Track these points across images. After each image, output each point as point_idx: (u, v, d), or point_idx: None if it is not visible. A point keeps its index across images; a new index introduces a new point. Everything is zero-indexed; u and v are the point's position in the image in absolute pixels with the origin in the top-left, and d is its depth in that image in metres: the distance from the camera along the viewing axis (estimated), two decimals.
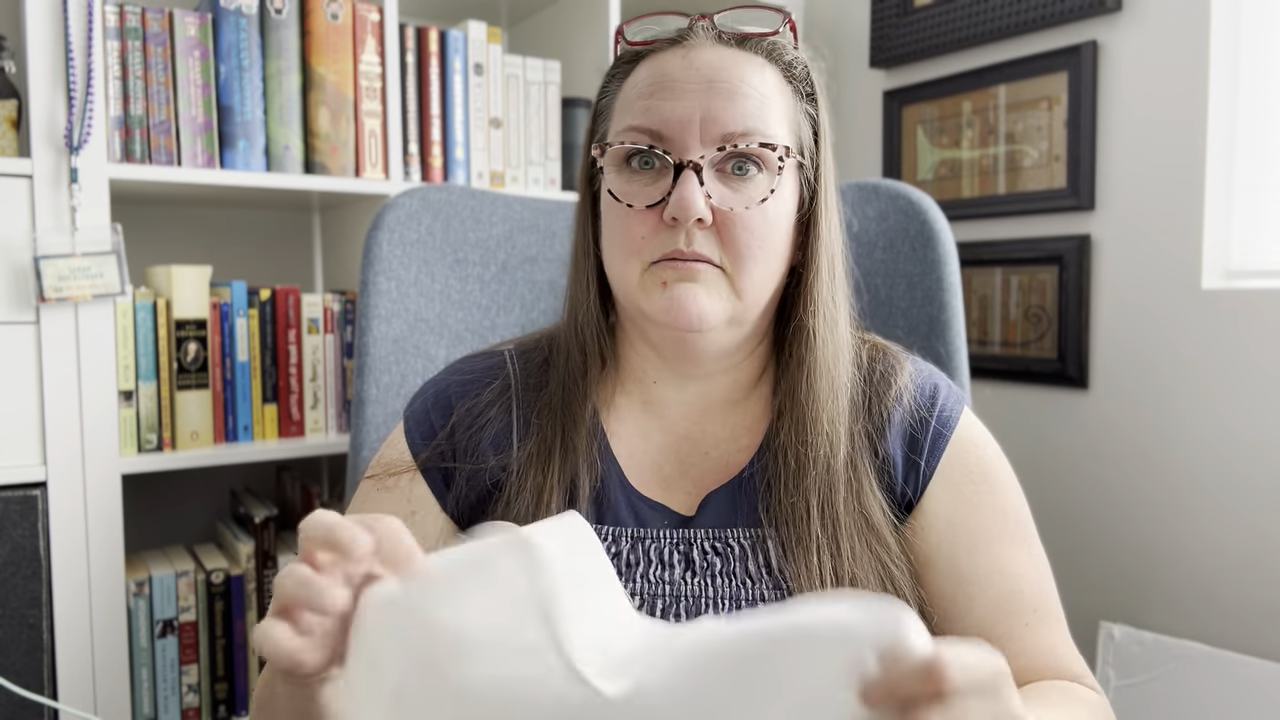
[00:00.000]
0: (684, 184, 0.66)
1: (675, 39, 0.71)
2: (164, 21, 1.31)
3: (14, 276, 1.20)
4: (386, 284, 1.07)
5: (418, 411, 0.80)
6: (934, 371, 0.80)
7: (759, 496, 0.71)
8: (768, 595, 0.67)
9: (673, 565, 0.69)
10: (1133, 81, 1.42)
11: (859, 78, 1.84)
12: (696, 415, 0.76)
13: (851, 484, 0.71)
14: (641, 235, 0.69)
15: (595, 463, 0.73)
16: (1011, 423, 1.59)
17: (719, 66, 0.69)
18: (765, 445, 0.73)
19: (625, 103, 0.72)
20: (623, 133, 0.70)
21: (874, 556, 0.69)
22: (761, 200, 0.68)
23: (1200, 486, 1.35)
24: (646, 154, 0.69)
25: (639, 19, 0.74)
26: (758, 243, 0.69)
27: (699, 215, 0.66)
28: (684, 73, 0.69)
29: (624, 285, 0.72)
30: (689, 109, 0.68)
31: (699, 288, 0.68)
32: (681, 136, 0.68)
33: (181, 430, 1.36)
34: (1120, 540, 1.45)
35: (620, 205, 0.70)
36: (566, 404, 0.75)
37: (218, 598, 1.41)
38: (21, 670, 1.22)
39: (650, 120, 0.68)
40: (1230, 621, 1.32)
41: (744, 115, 0.68)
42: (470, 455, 0.75)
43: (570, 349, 0.77)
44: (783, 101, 0.71)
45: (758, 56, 0.71)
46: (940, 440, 0.74)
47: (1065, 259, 1.49)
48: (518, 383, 0.78)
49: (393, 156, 1.47)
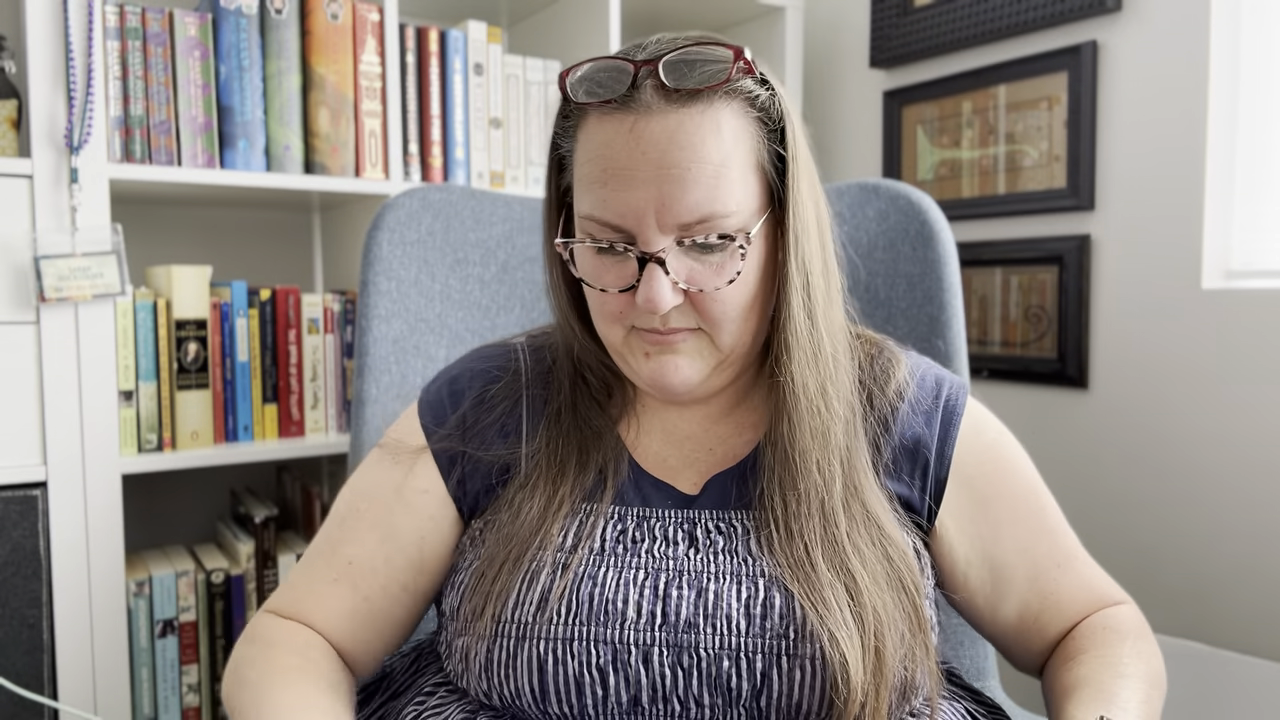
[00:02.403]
0: (649, 280, 0.66)
1: (620, 101, 0.66)
2: (164, 21, 1.31)
3: (14, 276, 1.20)
4: (386, 284, 1.07)
5: (432, 395, 0.81)
6: (932, 364, 0.82)
7: (758, 485, 0.72)
8: (768, 571, 0.68)
9: (677, 542, 0.71)
10: (1133, 81, 1.42)
11: (859, 78, 1.84)
12: (699, 420, 0.78)
13: (850, 477, 0.72)
14: (618, 311, 0.70)
15: (622, 465, 0.75)
16: (1011, 423, 1.59)
17: (666, 146, 0.64)
18: (766, 436, 0.74)
19: (581, 178, 0.69)
20: (584, 220, 0.69)
21: (878, 548, 0.70)
22: (729, 281, 0.68)
23: (1200, 486, 1.35)
24: (609, 249, 0.68)
25: (580, 66, 0.69)
26: (733, 308, 0.69)
27: (669, 306, 0.67)
28: (631, 157, 0.65)
29: (609, 342, 0.74)
30: (642, 200, 0.65)
31: (681, 359, 0.70)
32: (640, 229, 0.66)
33: (181, 430, 1.36)
34: (1120, 540, 1.45)
35: (594, 289, 0.71)
36: (586, 421, 0.77)
37: (218, 598, 1.41)
38: (21, 670, 1.22)
39: (607, 214, 0.67)
40: (1230, 621, 1.32)
41: (698, 203, 0.65)
42: (479, 443, 0.77)
43: (584, 375, 0.79)
44: (741, 153, 0.67)
45: (712, 105, 0.65)
46: (949, 434, 0.76)
47: (1065, 259, 1.49)
48: (528, 377, 0.80)
49: (393, 156, 1.47)
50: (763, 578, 0.68)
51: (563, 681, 0.65)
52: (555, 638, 0.66)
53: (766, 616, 0.66)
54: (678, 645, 0.65)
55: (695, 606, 0.66)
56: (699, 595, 0.67)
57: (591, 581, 0.68)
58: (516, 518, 0.72)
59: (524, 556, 0.69)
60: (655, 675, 0.65)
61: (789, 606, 0.66)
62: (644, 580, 0.68)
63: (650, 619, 0.66)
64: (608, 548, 0.70)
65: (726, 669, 0.65)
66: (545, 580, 0.68)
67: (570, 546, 0.70)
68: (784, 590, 0.67)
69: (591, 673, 0.65)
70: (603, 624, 0.66)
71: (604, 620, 0.66)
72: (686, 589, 0.67)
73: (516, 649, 0.66)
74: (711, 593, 0.67)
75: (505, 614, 0.67)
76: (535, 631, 0.66)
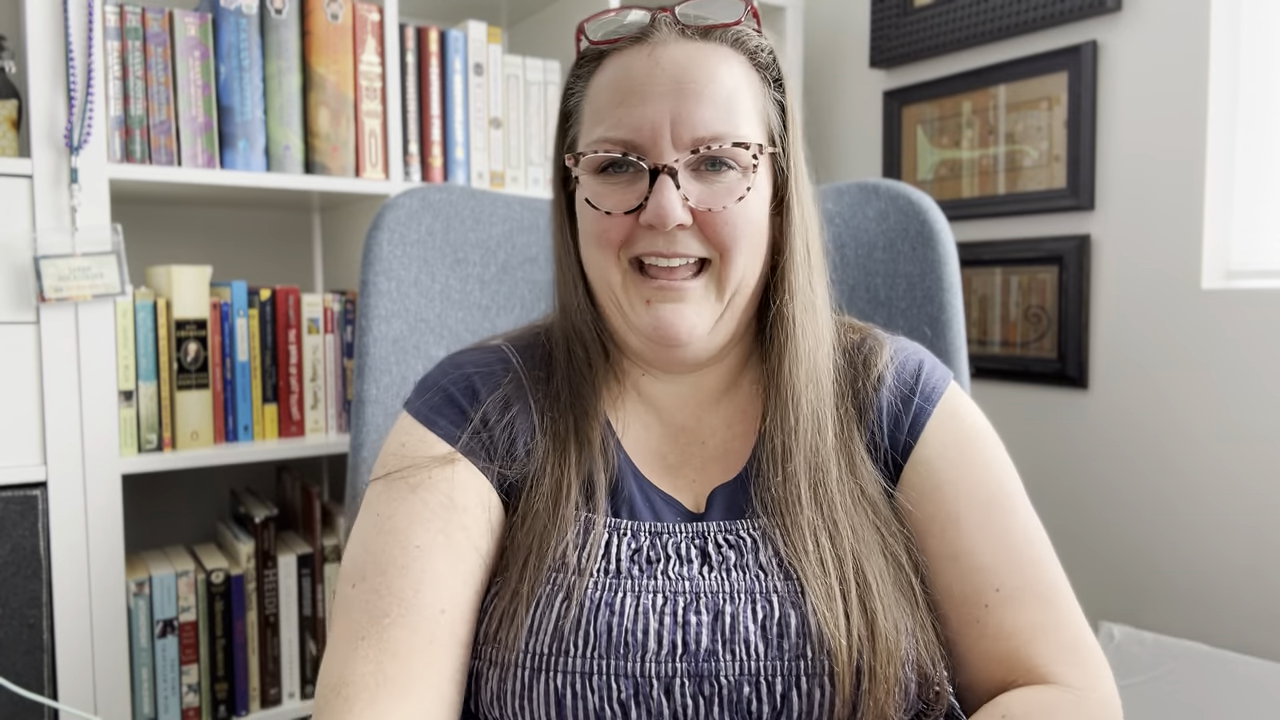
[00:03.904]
0: (660, 190, 0.67)
1: (638, 36, 0.70)
2: (164, 21, 1.31)
3: (14, 276, 1.20)
4: (386, 284, 1.07)
5: (434, 402, 0.75)
6: (918, 349, 0.80)
7: (756, 487, 0.72)
8: (780, 587, 0.66)
9: (690, 560, 0.69)
10: (1133, 81, 1.42)
11: (859, 78, 1.84)
12: (690, 406, 0.77)
13: (842, 461, 0.72)
14: (620, 238, 0.69)
15: (610, 454, 0.74)
16: (1011, 423, 1.59)
17: (685, 65, 0.68)
18: (760, 435, 0.74)
19: (594, 109, 0.71)
20: (595, 143, 0.70)
21: (875, 530, 0.69)
22: (739, 199, 0.69)
23: (1200, 486, 1.35)
24: (621, 161, 0.69)
25: (600, 15, 0.72)
26: (740, 234, 0.69)
27: (678, 221, 0.67)
28: (650, 75, 0.68)
29: (605, 289, 0.72)
30: (658, 113, 0.67)
31: (685, 306, 0.69)
32: (654, 142, 0.68)
33: (181, 430, 1.36)
34: (1120, 540, 1.45)
35: (598, 212, 0.70)
36: (576, 398, 0.75)
37: (218, 598, 1.41)
38: (21, 670, 1.22)
39: (621, 130, 0.68)
40: (1230, 621, 1.32)
41: (714, 117, 0.68)
42: (504, 449, 0.73)
43: (571, 345, 0.77)
44: (750, 92, 0.71)
45: (723, 47, 0.70)
46: (921, 417, 0.74)
47: (1065, 259, 1.49)
48: (526, 376, 0.78)
49: (393, 156, 1.47)
50: (775, 594, 0.66)
51: (582, 715, 0.63)
52: (574, 670, 0.63)
53: (784, 636, 0.64)
54: (698, 675, 0.64)
55: (714, 631, 0.65)
56: (716, 618, 0.65)
57: (609, 610, 0.65)
58: (527, 518, 0.70)
59: (538, 572, 0.67)
60: (677, 706, 0.63)
61: (804, 624, 0.64)
62: (662, 605, 0.66)
63: (671, 649, 0.64)
64: (624, 569, 0.68)
65: (747, 694, 0.63)
66: (560, 606, 0.65)
67: (583, 566, 0.67)
68: (797, 606, 0.65)
69: (613, 706, 0.63)
70: (623, 657, 0.64)
71: (624, 653, 0.64)
72: (705, 613, 0.66)
73: (532, 680, 0.64)
74: (729, 615, 0.65)
75: (519, 642, 0.64)
76: (552, 664, 0.64)
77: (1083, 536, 1.50)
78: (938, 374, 0.77)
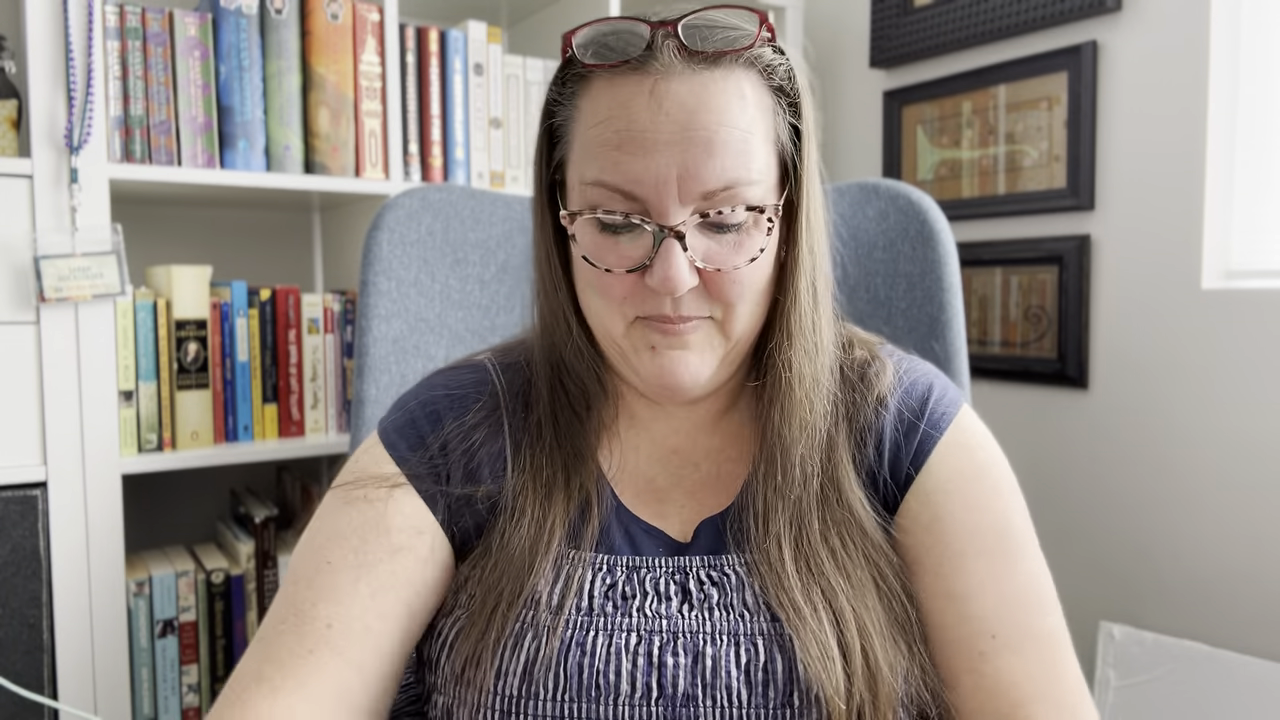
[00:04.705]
0: (667, 256, 0.60)
1: (637, 63, 0.61)
2: (164, 21, 1.31)
3: (14, 276, 1.20)
4: (386, 284, 1.07)
5: (399, 422, 0.73)
6: (928, 370, 0.75)
7: (744, 524, 0.68)
8: (765, 629, 0.63)
9: (669, 598, 0.65)
10: (1133, 81, 1.42)
11: (859, 78, 1.84)
12: (686, 429, 0.74)
13: (833, 495, 0.68)
14: (623, 296, 0.64)
15: (604, 501, 0.70)
16: (1011, 423, 1.59)
17: (694, 109, 0.60)
18: (755, 465, 0.70)
19: (586, 141, 0.63)
20: (590, 187, 0.62)
21: (869, 565, 0.66)
22: (751, 260, 0.63)
23: (1200, 486, 1.35)
24: (620, 225, 0.63)
25: (588, 25, 0.63)
26: (750, 291, 0.65)
27: (688, 287, 0.61)
28: (654, 120, 0.60)
29: (607, 337, 0.68)
30: (664, 166, 0.60)
31: (690, 354, 0.65)
32: (658, 198, 0.60)
33: (181, 430, 1.36)
34: (1120, 540, 1.45)
35: (598, 269, 0.64)
36: (565, 439, 0.71)
37: (218, 598, 1.41)
38: (21, 670, 1.22)
39: (620, 179, 0.61)
40: (1230, 621, 1.32)
41: (725, 169, 0.60)
42: (464, 477, 0.70)
43: (562, 379, 0.72)
44: (764, 122, 0.63)
45: (735, 70, 0.62)
46: (926, 445, 0.70)
47: (1065, 259, 1.49)
48: (505, 400, 0.73)
49: (393, 156, 1.47)
50: (762, 637, 0.62)
51: None
52: (544, 715, 0.61)
53: (769, 683, 0.60)
54: None
55: (693, 675, 0.61)
56: (696, 661, 0.61)
57: (580, 650, 0.62)
58: (501, 556, 0.66)
59: (509, 613, 0.63)
60: None
61: (791, 670, 0.61)
62: (636, 645, 0.62)
63: (646, 692, 0.60)
64: (596, 605, 0.64)
65: None
66: (530, 646, 0.62)
67: (556, 604, 0.64)
68: (785, 650, 0.61)
69: None
70: (594, 700, 0.60)
71: (595, 696, 0.61)
72: (682, 655, 0.62)
73: None
74: (709, 658, 0.61)
75: (488, 682, 0.62)
76: (523, 707, 0.61)
77: (1082, 537, 1.50)
78: (947, 399, 0.72)
